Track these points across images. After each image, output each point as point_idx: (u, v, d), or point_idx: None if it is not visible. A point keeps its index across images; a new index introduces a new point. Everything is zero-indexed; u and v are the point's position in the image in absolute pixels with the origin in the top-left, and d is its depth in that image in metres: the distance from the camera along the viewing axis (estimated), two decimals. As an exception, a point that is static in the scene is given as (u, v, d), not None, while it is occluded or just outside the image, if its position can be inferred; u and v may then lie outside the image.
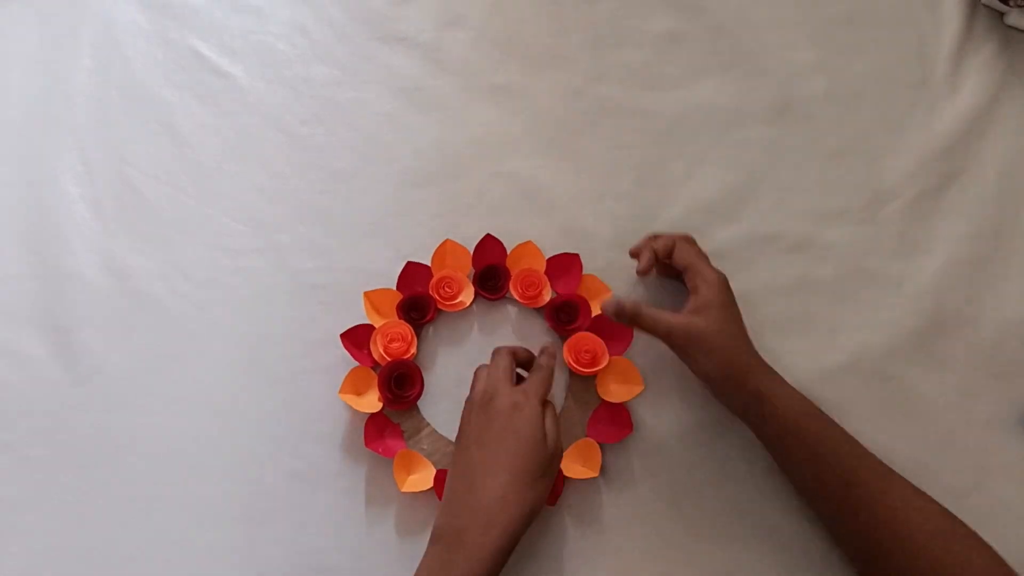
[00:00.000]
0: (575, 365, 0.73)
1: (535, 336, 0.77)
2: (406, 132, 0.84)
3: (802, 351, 0.76)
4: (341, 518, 0.71)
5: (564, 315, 0.76)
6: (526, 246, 0.78)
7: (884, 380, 0.75)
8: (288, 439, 0.73)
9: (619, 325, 0.74)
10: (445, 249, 0.78)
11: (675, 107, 0.85)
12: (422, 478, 0.70)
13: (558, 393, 0.74)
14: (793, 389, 0.66)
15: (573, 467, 0.71)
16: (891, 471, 0.63)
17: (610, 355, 0.74)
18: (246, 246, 0.80)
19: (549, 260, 0.78)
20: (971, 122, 0.83)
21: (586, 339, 0.74)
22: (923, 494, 0.62)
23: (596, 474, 0.70)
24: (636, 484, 0.72)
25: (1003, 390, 0.75)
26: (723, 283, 0.69)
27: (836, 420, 0.73)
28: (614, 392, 0.73)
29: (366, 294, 0.76)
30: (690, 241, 0.74)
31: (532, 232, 0.80)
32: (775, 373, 0.67)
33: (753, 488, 0.72)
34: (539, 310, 0.78)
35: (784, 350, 0.76)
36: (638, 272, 0.73)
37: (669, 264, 0.73)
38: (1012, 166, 0.82)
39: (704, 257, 0.72)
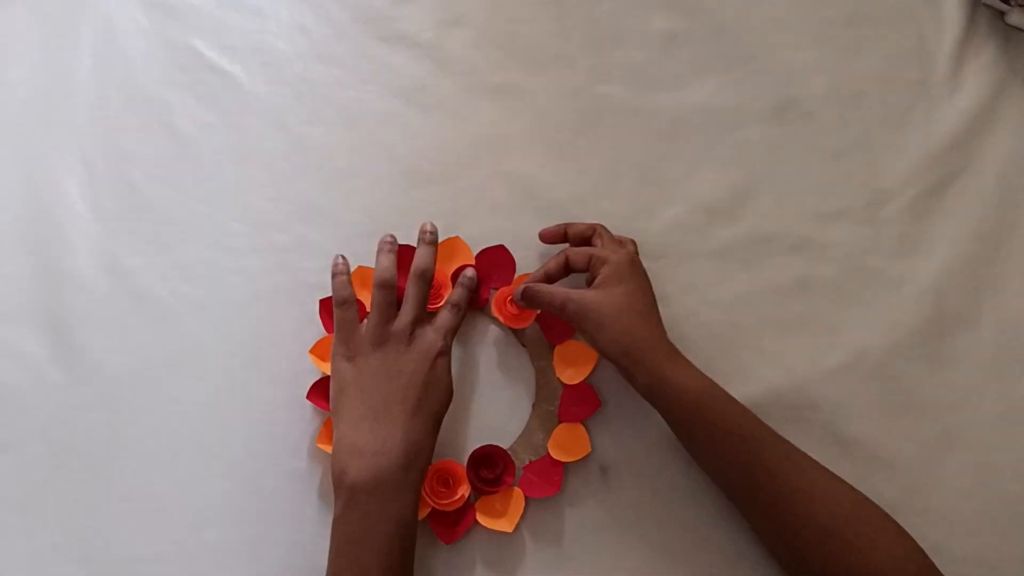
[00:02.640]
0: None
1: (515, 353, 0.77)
2: (406, 132, 0.84)
3: (802, 351, 0.76)
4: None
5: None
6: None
7: (884, 380, 0.75)
8: (288, 439, 0.73)
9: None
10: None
11: (675, 107, 0.85)
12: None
13: (524, 399, 0.74)
14: (696, 370, 0.65)
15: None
16: (796, 451, 0.63)
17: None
18: (246, 246, 0.80)
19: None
20: (971, 122, 0.83)
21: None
22: (832, 475, 0.62)
23: (588, 451, 0.71)
24: (639, 485, 0.72)
25: (1004, 389, 0.75)
26: (626, 263, 0.69)
27: (836, 420, 0.73)
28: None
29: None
30: (601, 232, 0.75)
31: (532, 232, 0.80)
32: (679, 354, 0.66)
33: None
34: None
35: (784, 350, 0.76)
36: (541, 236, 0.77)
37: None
38: (1012, 166, 0.82)
39: (615, 241, 0.74)
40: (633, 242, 0.76)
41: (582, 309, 0.67)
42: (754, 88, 0.86)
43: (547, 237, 0.77)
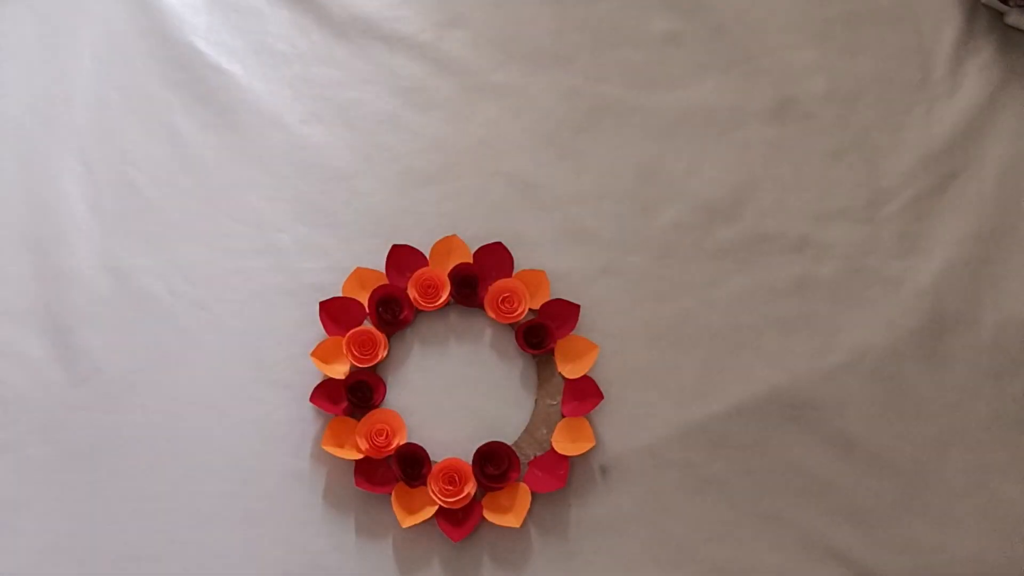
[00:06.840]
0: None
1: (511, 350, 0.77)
2: (406, 132, 0.84)
3: (802, 351, 0.76)
4: (340, 518, 0.71)
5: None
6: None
7: (884, 380, 0.75)
8: (289, 440, 0.73)
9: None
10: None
11: (675, 107, 0.85)
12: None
13: (524, 389, 0.74)
14: None
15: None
16: None
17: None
18: (246, 246, 0.80)
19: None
20: (971, 122, 0.83)
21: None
22: None
23: (593, 444, 0.71)
24: (639, 483, 0.72)
25: (1003, 389, 0.75)
26: None
27: (836, 420, 0.74)
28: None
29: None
30: None
31: (532, 231, 0.80)
32: None
33: (754, 486, 0.72)
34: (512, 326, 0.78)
35: (784, 350, 0.76)
36: None
37: None
38: (1012, 166, 0.82)
39: None
40: None
41: None
42: (754, 88, 0.86)
43: None
